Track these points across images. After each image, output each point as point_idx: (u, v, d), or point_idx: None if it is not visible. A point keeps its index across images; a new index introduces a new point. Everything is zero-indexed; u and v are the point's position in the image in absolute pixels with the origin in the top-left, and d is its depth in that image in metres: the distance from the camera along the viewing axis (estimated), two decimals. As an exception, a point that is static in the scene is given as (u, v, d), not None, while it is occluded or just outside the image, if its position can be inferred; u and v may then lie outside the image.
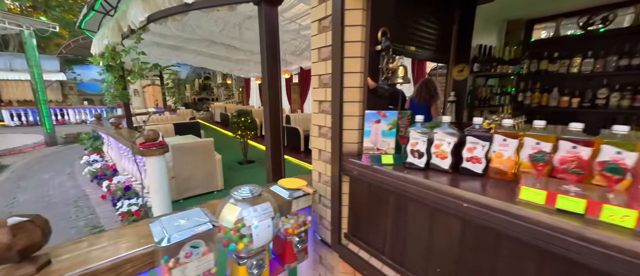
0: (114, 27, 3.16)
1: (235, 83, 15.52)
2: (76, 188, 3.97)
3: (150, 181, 2.82)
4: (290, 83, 9.83)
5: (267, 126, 2.15)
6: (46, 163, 5.49)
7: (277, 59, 2.06)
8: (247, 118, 5.09)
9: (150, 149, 2.72)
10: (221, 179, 3.77)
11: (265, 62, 2.00)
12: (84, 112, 12.68)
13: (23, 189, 3.96)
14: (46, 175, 4.64)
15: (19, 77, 10.99)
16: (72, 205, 3.36)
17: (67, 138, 7.95)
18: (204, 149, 3.53)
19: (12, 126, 11.23)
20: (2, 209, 3.26)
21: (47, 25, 6.91)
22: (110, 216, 3.04)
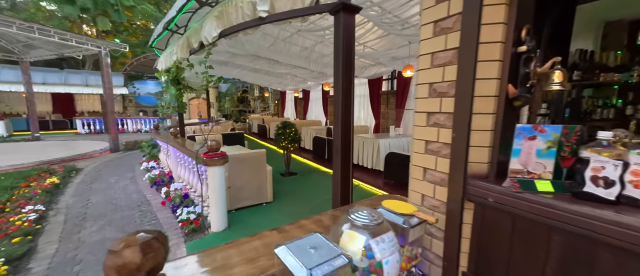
0: (183, 44, 3.40)
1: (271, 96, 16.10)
2: (138, 193, 4.23)
3: (211, 190, 2.85)
4: (327, 96, 9.86)
5: (337, 143, 2.02)
6: (111, 167, 6.05)
7: (352, 70, 1.95)
8: (291, 130, 5.09)
9: (213, 159, 2.77)
10: (271, 191, 3.72)
11: (339, 73, 1.90)
12: (139, 122, 14.07)
13: (94, 191, 4.34)
14: (112, 179, 5.07)
15: (92, 91, 12.65)
16: (136, 209, 3.56)
17: (127, 146, 8.79)
18: (256, 160, 3.54)
19: (83, 133, 12.86)
20: (78, 210, 3.56)
21: (120, 46, 7.88)
22: (171, 223, 3.13)
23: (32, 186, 4.24)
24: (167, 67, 4.36)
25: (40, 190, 4.00)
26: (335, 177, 2.08)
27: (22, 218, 2.96)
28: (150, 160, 5.85)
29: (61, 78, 12.12)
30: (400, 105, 6.36)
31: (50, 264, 2.32)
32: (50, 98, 14.79)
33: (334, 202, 2.13)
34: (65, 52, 8.44)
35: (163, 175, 4.67)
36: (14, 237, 2.63)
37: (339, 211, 1.61)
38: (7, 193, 4.02)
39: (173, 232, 2.91)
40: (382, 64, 6.28)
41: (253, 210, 3.48)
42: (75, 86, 12.34)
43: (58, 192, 4.26)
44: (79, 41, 7.00)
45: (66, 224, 3.11)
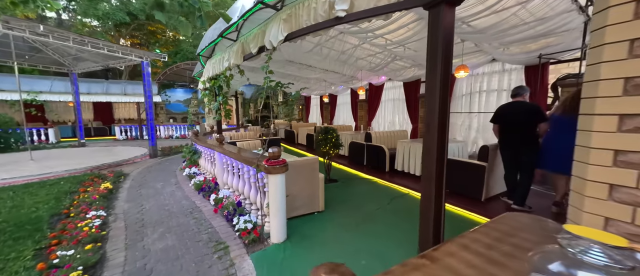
0: (238, 50, 3.39)
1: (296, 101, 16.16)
2: (186, 199, 4.26)
3: (271, 199, 2.75)
4: (356, 100, 9.67)
5: (430, 164, 1.80)
6: (154, 173, 6.23)
7: (449, 75, 1.76)
8: (333, 136, 4.95)
9: (275, 167, 2.67)
10: (322, 200, 3.58)
11: (437, 79, 1.71)
12: (171, 128, 14.66)
13: (145, 197, 4.44)
14: (158, 185, 5.19)
15: (129, 100, 13.40)
16: (189, 217, 3.55)
17: (164, 151, 9.12)
18: (310, 167, 3.42)
19: (121, 140, 13.60)
20: (135, 215, 3.62)
21: (160, 56, 8.24)
22: (228, 232, 3.07)
23: (89, 191, 4.42)
24: (214, 74, 4.41)
25: (97, 195, 4.14)
26: (425, 207, 1.86)
27: (88, 224, 3.03)
28: (191, 166, 5.96)
29: (103, 88, 12.96)
30: (442, 109, 6.01)
31: (123, 273, 2.31)
32: (92, 107, 15.87)
33: (424, 238, 1.89)
34: (110, 63, 8.97)
35: (208, 181, 4.69)
36: (85, 243, 2.67)
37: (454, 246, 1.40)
38: (68, 198, 4.21)
39: (232, 242, 2.84)
40: (423, 66, 6.02)
41: (306, 220, 3.35)
42: (115, 95, 13.13)
43: (112, 197, 4.40)
44: (125, 52, 7.39)
45: (128, 230, 3.15)
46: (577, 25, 3.29)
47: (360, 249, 2.62)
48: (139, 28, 17.53)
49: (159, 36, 19.54)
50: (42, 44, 8.06)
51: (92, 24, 16.58)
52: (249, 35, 3.15)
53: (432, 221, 1.82)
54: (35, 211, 3.69)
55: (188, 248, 2.73)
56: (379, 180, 5.01)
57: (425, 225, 1.87)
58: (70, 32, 6.41)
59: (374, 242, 2.74)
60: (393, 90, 8.03)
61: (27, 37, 6.32)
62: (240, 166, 3.71)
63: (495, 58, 4.82)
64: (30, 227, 3.17)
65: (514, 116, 3.13)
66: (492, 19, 3.35)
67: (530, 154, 3.04)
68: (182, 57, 17.43)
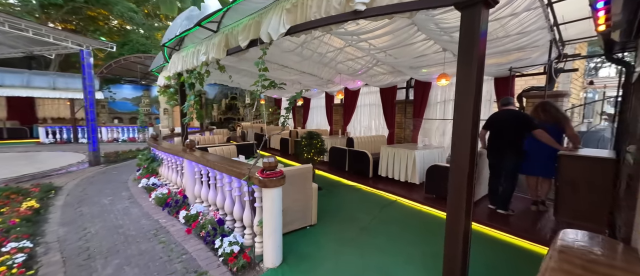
0: (220, 42, 2.92)
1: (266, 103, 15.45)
2: (147, 218, 3.54)
3: (267, 217, 2.37)
4: (331, 104, 9.58)
5: (460, 171, 1.66)
6: (98, 185, 5.14)
7: (482, 78, 1.66)
8: (318, 141, 4.70)
9: (271, 179, 2.30)
10: (316, 212, 3.28)
11: (473, 80, 1.59)
12: (116, 130, 12.64)
13: (88, 217, 3.56)
14: (105, 200, 4.25)
15: (60, 95, 11.13)
16: (154, 240, 2.91)
17: (108, 158, 7.71)
18: (303, 177, 3.10)
19: (47, 143, 11.20)
20: (77, 243, 2.83)
21: (106, 45, 6.97)
22: (208, 257, 2.56)
23: (4, 214, 3.36)
24: (183, 69, 3.79)
25: (17, 218, 3.15)
26: (453, 225, 1.71)
27: (6, 262, 2.22)
28: (149, 175, 5.06)
29: (23, 80, 10.50)
30: (418, 114, 6.25)
31: (65, 332, 1.68)
32: (5, 103, 12.82)
33: (450, 258, 1.74)
34: (35, 50, 7.28)
35: (174, 194, 3.99)
36: (0, 293, 1.92)
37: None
38: (-31, 224, 3.12)
39: (216, 271, 2.36)
40: (401, 73, 6.18)
41: (299, 236, 3.01)
42: (40, 89, 10.75)
43: (40, 220, 3.42)
44: (58, 37, 6.03)
45: (67, 266, 2.41)
46: (544, 43, 3.64)
47: (368, 267, 2.40)
48: (75, 12, 14.82)
49: (101, 23, 16.84)
50: None
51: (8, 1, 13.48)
52: (236, 26, 2.72)
53: (461, 240, 1.68)
54: None
55: (159, 284, 2.17)
56: (363, 187, 4.90)
57: (452, 244, 1.73)
58: (-24, 5, 4.95)
59: (380, 258, 2.55)
60: (369, 95, 8.13)
61: None
62: (219, 176, 3.20)
63: (468, 69, 5.15)
64: None
65: (504, 123, 3.28)
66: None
67: (516, 160, 3.23)
68: (130, 48, 15.27)
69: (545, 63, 3.91)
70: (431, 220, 3.52)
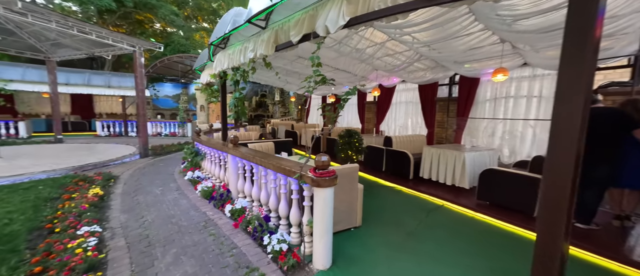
0: (269, 38, 2.90)
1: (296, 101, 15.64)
2: (195, 210, 3.70)
3: (318, 217, 2.30)
4: (364, 102, 9.35)
5: (561, 181, 1.39)
6: (149, 175, 5.54)
7: (595, 70, 1.39)
8: (356, 139, 4.56)
9: (324, 179, 2.22)
10: (360, 214, 3.16)
11: (584, 68, 1.33)
12: (159, 125, 13.66)
13: (144, 206, 3.82)
14: (157, 190, 4.55)
15: (114, 93, 12.31)
16: (205, 232, 3.01)
17: (155, 151, 8.32)
18: (350, 177, 2.99)
19: (103, 136, 12.48)
20: (137, 230, 3.03)
21: (155, 46, 7.48)
22: (257, 254, 2.57)
23: (75, 199, 3.74)
24: (229, 66, 3.88)
25: (87, 204, 3.48)
26: (545, 247, 1.43)
27: (82, 244, 2.43)
28: (194, 168, 5.33)
29: (84, 79, 11.80)
30: (463, 113, 5.79)
31: (137, 317, 1.77)
32: (69, 99, 14.53)
33: None
34: (96, 52, 8.07)
35: (219, 188, 4.13)
36: (80, 271, 2.09)
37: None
38: (49, 206, 3.52)
39: (267, 268, 2.35)
40: (444, 68, 5.76)
41: (345, 237, 2.92)
42: (97, 87, 12.00)
43: (105, 206, 3.74)
44: (115, 39, 6.61)
45: (131, 252, 2.58)
46: (635, 30, 3.09)
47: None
48: (125, 16, 16.29)
49: (147, 26, 18.33)
50: (17, 25, 7.07)
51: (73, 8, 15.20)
52: (287, 22, 2.68)
53: (557, 266, 1.43)
54: (9, 224, 3.00)
55: (215, 277, 2.21)
56: (404, 189, 4.66)
57: (545, 270, 1.47)
58: (53, 13, 5.59)
59: (437, 268, 2.35)
60: (406, 92, 7.76)
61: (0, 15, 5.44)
62: (264, 173, 3.21)
63: (527, 62, 4.62)
64: (3, 247, 2.51)
65: (599, 122, 2.66)
66: (541, 21, 3.09)
67: (609, 169, 2.75)
68: (172, 49, 16.39)
69: (633, 54, 3.33)
70: (486, 229, 3.21)
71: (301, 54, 6.15)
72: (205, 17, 21.31)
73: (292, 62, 6.82)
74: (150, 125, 13.59)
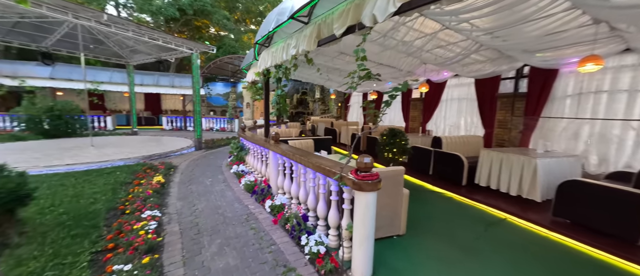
0: (312, 33, 2.82)
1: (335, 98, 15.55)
2: (239, 202, 3.88)
3: (359, 223, 2.13)
4: (409, 99, 8.72)
5: None
6: (201, 167, 6.07)
7: None
8: (402, 139, 4.21)
9: (367, 182, 2.04)
10: (405, 221, 2.88)
11: None
12: (211, 121, 15.03)
13: (196, 195, 4.16)
14: (207, 181, 4.94)
15: (176, 92, 13.96)
16: (246, 225, 3.12)
17: (207, 144, 9.14)
18: (394, 180, 2.74)
19: (167, 130, 14.28)
20: (189, 218, 3.30)
21: (209, 48, 8.17)
22: (295, 253, 2.54)
23: (142, 184, 4.27)
24: (272, 64, 3.94)
25: (151, 190, 3.94)
26: None
27: (144, 227, 2.72)
28: (239, 162, 5.66)
29: (154, 80, 13.65)
30: (533, 112, 4.90)
31: (184, 302, 1.88)
32: (143, 98, 16.97)
33: None
34: (162, 55, 9.19)
35: (260, 183, 4.27)
36: (142, 253, 2.33)
37: None
38: (123, 190, 4.09)
39: (304, 269, 2.29)
40: (509, 59, 4.93)
41: (385, 245, 2.69)
42: (164, 87, 13.76)
43: (165, 193, 4.20)
44: (178, 44, 7.39)
45: (183, 238, 2.80)
46: None
47: (486, 306, 1.89)
48: (187, 23, 18.29)
49: (204, 31, 20.29)
50: (105, 35, 8.47)
51: (146, 19, 17.67)
52: (330, 14, 2.55)
53: None
54: (93, 203, 3.57)
55: (254, 273, 2.24)
56: (455, 196, 4.15)
57: None
58: (130, 22, 6.50)
59: (501, 296, 1.98)
60: (459, 88, 6.96)
61: (92, 27, 6.55)
62: (303, 171, 3.17)
63: (631, 47, 3.63)
64: (88, 223, 2.98)
65: None
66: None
67: None
68: (224, 51, 17.83)
69: None
70: (566, 253, 2.62)
71: (343, 49, 5.99)
72: (252, 19, 22.65)
73: (333, 58, 6.70)
74: (204, 121, 15.05)
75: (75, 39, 7.74)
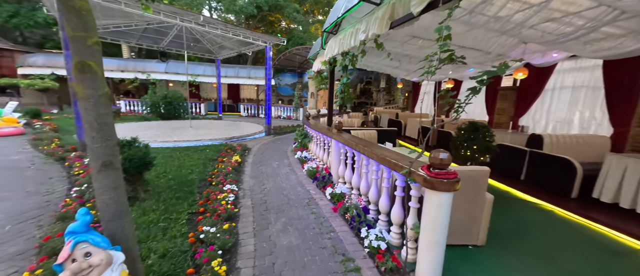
0: (384, 15, 2.60)
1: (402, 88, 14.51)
2: (301, 186, 4.08)
3: (428, 226, 1.90)
4: (497, 87, 7.32)
5: None
6: (270, 151, 6.67)
7: None
8: (486, 135, 3.56)
9: (442, 181, 1.79)
10: (485, 231, 2.45)
11: None
12: (279, 109, 16.30)
13: (265, 175, 4.59)
14: (274, 164, 5.39)
15: (252, 82, 15.65)
16: (307, 209, 3.25)
17: (275, 131, 9.97)
18: (474, 182, 2.35)
19: (244, 116, 16.27)
20: (259, 195, 3.67)
21: (280, 40, 8.73)
22: (353, 244, 2.50)
23: (224, 162, 4.98)
24: (339, 51, 3.87)
25: (230, 167, 4.56)
26: None
27: (225, 198, 3.17)
28: (302, 149, 5.94)
29: (235, 72, 15.63)
30: None
31: (254, 269, 2.10)
32: (227, 88, 19.72)
33: None
34: (242, 50, 10.35)
35: (322, 170, 4.38)
36: (223, 220, 2.72)
37: None
38: (211, 165, 4.87)
39: (363, 262, 2.23)
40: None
41: (458, 254, 2.35)
42: (242, 78, 15.64)
43: (240, 171, 4.79)
44: (255, 38, 8.17)
45: (254, 212, 3.13)
46: None
47: None
48: (262, 19, 20.03)
49: (276, 25, 21.83)
50: (201, 34, 10.09)
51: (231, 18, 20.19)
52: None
53: None
54: (190, 174, 4.37)
55: (314, 255, 2.32)
56: (558, 211, 3.29)
57: None
58: (219, 22, 7.52)
59: None
60: (575, 73, 5.39)
61: (192, 28, 7.87)
62: (366, 162, 3.06)
63: None
64: (187, 189, 3.67)
65: None
66: None
67: None
68: (293, 43, 18.81)
69: None
70: None
71: (416, 32, 5.39)
72: (320, 10, 22.99)
73: (403, 44, 6.12)
74: (273, 109, 16.45)
75: (180, 39, 9.52)
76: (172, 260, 2.08)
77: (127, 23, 8.30)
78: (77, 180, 3.72)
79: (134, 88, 15.51)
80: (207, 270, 1.89)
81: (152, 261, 2.04)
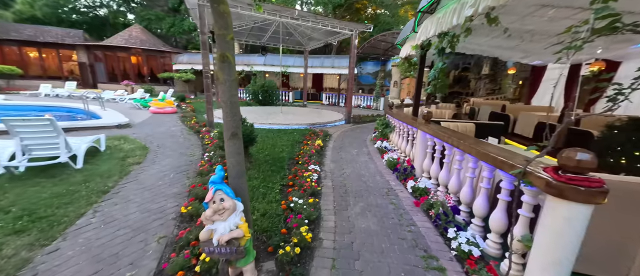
0: (503, -19, 2.15)
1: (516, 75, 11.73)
2: (380, 176, 4.02)
3: (545, 243, 1.54)
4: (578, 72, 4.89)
5: None
6: (349, 138, 6.82)
7: None
8: None
9: (577, 189, 1.39)
10: (644, 269, 1.77)
11: None
12: (359, 98, 16.22)
13: (344, 161, 4.76)
14: (353, 151, 5.49)
15: (335, 72, 16.16)
16: (386, 199, 3.20)
17: (354, 119, 10.04)
18: (631, 199, 1.71)
19: (325, 104, 17.10)
20: (339, 178, 3.86)
21: (366, 27, 8.56)
22: (438, 242, 2.31)
23: (308, 145, 5.45)
24: (435, 33, 3.47)
25: (314, 150, 4.96)
26: None
27: (310, 177, 3.50)
28: (382, 139, 5.79)
29: (320, 62, 16.49)
30: None
31: (334, 243, 2.28)
32: (311, 77, 21.10)
33: None
34: (328, 40, 10.75)
35: (403, 162, 4.16)
36: (308, 195, 3.04)
37: None
38: (297, 146, 5.43)
39: (448, 264, 2.04)
40: None
41: (590, 288, 1.79)
42: (326, 68, 16.35)
43: (322, 154, 5.14)
44: (341, 27, 8.33)
45: (334, 193, 3.33)
46: None
47: None
48: (349, 7, 20.05)
49: (362, 13, 21.43)
50: (294, 28, 11.08)
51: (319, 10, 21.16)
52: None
53: None
54: (281, 152, 5.02)
55: (392, 244, 2.29)
56: None
57: None
58: (310, 14, 8.04)
59: None
60: None
61: (287, 23, 8.73)
62: (460, 157, 2.70)
63: None
64: (278, 165, 4.26)
65: None
66: None
67: None
68: (379, 29, 18.07)
69: None
70: None
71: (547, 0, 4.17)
72: (411, -11, 20.95)
73: (525, 17, 4.80)
74: (353, 98, 16.53)
75: (277, 34, 10.75)
76: (270, 220, 2.51)
77: (239, 24, 10.03)
78: (207, 148, 4.92)
79: (241, 79, 18.81)
80: (296, 233, 2.18)
81: (255, 218, 2.51)
